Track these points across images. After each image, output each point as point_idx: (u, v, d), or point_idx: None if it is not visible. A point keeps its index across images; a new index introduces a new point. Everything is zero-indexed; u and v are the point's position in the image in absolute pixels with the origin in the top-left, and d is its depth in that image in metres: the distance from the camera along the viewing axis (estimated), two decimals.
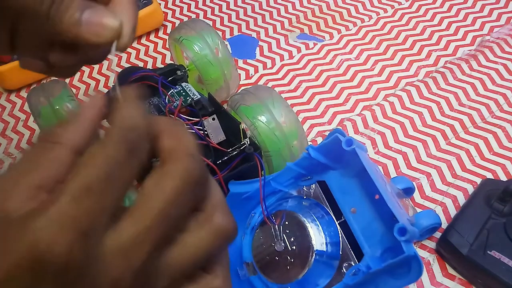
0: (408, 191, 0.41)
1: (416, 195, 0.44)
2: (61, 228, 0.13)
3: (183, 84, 0.44)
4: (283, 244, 0.33)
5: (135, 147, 0.16)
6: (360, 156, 0.30)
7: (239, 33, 0.63)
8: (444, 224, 0.41)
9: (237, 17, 0.65)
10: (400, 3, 0.64)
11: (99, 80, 0.58)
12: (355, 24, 0.62)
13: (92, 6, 0.20)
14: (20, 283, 0.13)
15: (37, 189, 0.15)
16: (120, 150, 0.15)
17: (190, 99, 0.43)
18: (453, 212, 0.42)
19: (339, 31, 0.61)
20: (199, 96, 0.43)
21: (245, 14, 0.65)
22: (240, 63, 0.58)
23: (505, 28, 0.59)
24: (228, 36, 0.62)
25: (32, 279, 0.13)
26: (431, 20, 0.61)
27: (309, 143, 0.47)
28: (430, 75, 0.55)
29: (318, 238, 0.32)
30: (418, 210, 0.42)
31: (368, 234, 0.31)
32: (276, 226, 0.33)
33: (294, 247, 0.32)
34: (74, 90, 0.57)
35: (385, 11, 0.63)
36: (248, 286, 0.34)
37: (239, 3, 0.67)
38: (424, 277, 0.39)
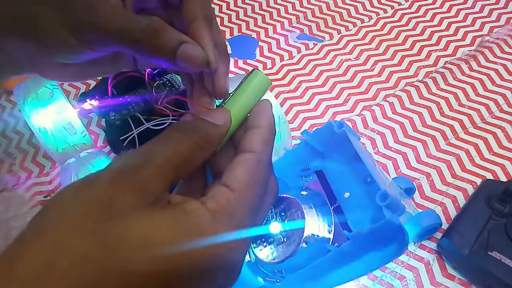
0: (408, 191, 0.42)
1: (416, 195, 0.44)
2: None
3: (169, 75, 0.44)
4: (278, 224, 0.34)
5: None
6: (350, 139, 0.32)
7: (239, 33, 0.63)
8: (444, 225, 0.41)
9: (237, 18, 0.65)
10: (400, 4, 0.64)
11: (98, 80, 0.58)
12: (355, 25, 0.62)
13: (186, 40, 0.22)
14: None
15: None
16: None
17: (175, 90, 0.43)
18: (453, 212, 0.42)
19: (339, 32, 0.61)
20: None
21: (245, 14, 0.65)
22: (240, 63, 0.58)
23: (505, 29, 0.59)
24: (228, 36, 0.62)
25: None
26: (431, 21, 0.61)
27: None
28: (430, 75, 0.55)
29: (312, 221, 0.33)
30: (419, 210, 0.42)
31: (358, 213, 0.32)
32: (272, 208, 0.34)
33: (287, 229, 0.34)
34: (74, 90, 0.57)
35: (385, 11, 0.63)
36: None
37: (239, 3, 0.67)
38: (424, 277, 0.39)
